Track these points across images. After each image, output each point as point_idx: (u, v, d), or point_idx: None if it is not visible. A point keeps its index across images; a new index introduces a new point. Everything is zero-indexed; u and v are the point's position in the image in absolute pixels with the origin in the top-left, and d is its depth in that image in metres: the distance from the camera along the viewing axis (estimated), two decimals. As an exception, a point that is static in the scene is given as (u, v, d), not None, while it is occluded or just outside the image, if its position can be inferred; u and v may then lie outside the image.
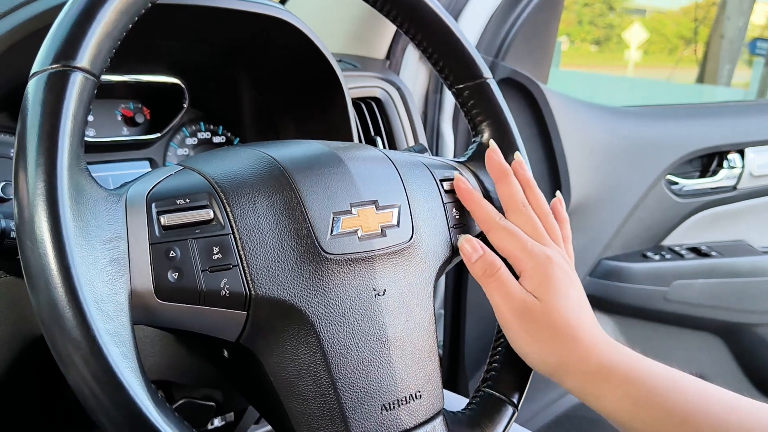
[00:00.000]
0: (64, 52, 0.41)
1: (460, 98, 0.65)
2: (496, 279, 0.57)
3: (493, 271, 0.58)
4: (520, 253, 0.58)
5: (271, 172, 0.51)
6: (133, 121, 0.78)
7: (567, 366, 0.56)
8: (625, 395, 0.53)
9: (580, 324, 0.56)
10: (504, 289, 0.57)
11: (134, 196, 0.46)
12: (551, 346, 0.56)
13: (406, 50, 1.25)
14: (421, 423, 0.54)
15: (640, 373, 0.54)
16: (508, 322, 0.57)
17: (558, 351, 0.56)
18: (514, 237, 0.59)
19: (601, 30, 13.28)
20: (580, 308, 0.58)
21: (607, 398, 0.54)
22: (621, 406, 0.54)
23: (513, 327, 0.57)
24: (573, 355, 0.55)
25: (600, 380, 0.55)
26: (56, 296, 0.38)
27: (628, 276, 1.58)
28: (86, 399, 0.39)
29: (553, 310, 0.56)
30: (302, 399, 0.50)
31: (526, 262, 0.58)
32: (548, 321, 0.56)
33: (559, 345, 0.56)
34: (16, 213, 0.40)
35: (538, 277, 0.57)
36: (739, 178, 1.67)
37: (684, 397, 0.52)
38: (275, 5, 0.72)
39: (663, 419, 0.52)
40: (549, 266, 0.57)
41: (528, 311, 0.56)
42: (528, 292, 0.57)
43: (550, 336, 0.56)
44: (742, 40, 4.97)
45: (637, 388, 0.53)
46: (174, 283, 0.45)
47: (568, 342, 0.56)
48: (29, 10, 0.59)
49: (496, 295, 0.58)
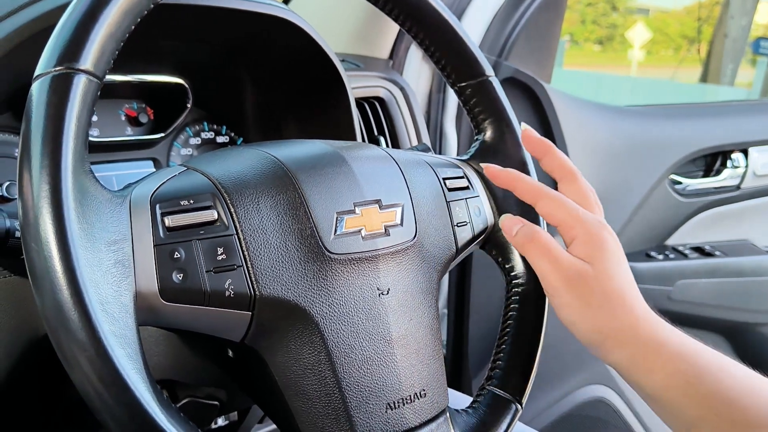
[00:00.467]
0: (68, 55, 0.42)
1: (463, 96, 0.65)
2: (541, 245, 0.55)
3: (536, 237, 0.56)
4: (572, 219, 0.56)
5: (275, 173, 0.51)
6: (137, 121, 0.78)
7: (618, 335, 0.53)
8: (677, 371, 0.51)
9: (632, 294, 0.54)
10: (551, 255, 0.55)
11: (138, 198, 0.46)
12: (604, 313, 0.53)
13: (410, 50, 1.25)
14: (426, 421, 0.54)
15: (691, 350, 0.52)
16: (556, 289, 0.55)
17: (611, 319, 0.53)
18: (564, 204, 0.57)
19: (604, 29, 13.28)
20: (631, 278, 0.56)
21: (659, 373, 0.52)
22: (672, 383, 0.51)
23: (562, 294, 0.54)
24: (626, 324, 0.53)
25: (651, 353, 0.52)
26: (62, 298, 0.38)
27: (631, 275, 1.58)
28: (91, 399, 0.39)
29: (606, 277, 0.54)
30: (307, 398, 0.50)
31: (578, 228, 0.55)
32: (601, 288, 0.54)
33: (612, 313, 0.53)
34: (21, 215, 0.40)
35: (592, 243, 0.55)
36: (743, 177, 1.66)
37: (733, 380, 0.51)
38: (278, 5, 0.72)
39: (713, 399, 0.50)
40: (603, 232, 0.55)
41: (580, 277, 0.54)
42: (578, 259, 0.55)
43: (602, 304, 0.53)
44: (746, 40, 4.97)
45: (689, 364, 0.51)
46: (179, 284, 0.45)
47: (621, 310, 0.53)
48: (33, 11, 0.60)
49: (543, 262, 0.55)
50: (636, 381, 0.54)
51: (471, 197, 0.63)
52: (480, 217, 0.63)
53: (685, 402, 0.51)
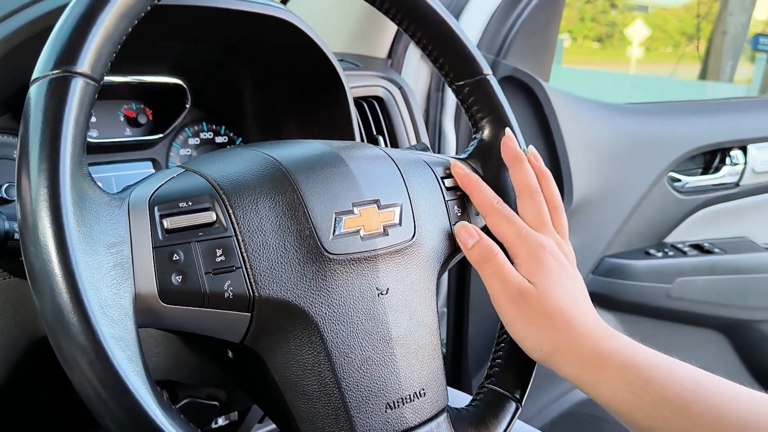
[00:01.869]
0: (65, 58, 0.42)
1: (461, 95, 0.66)
2: (493, 264, 0.57)
3: (489, 256, 0.57)
4: (515, 238, 0.58)
5: (273, 173, 0.51)
6: (136, 121, 0.78)
7: (561, 352, 0.55)
8: (622, 383, 0.53)
9: (574, 310, 0.56)
10: (501, 275, 0.57)
11: (137, 200, 0.46)
12: (545, 331, 0.56)
13: (408, 49, 1.25)
14: (426, 420, 0.54)
15: (637, 360, 0.54)
16: (503, 307, 0.57)
17: (552, 336, 0.56)
18: (510, 222, 0.59)
19: (603, 27, 13.28)
20: (574, 296, 0.58)
21: (604, 386, 0.54)
22: (618, 395, 0.53)
23: (508, 312, 0.57)
24: (567, 340, 0.55)
25: (596, 367, 0.54)
26: (61, 302, 0.38)
27: (630, 273, 1.58)
28: (92, 402, 0.39)
29: (546, 296, 0.56)
30: (307, 398, 0.50)
31: (520, 248, 0.58)
32: (541, 306, 0.56)
33: (552, 330, 0.56)
34: (20, 219, 0.40)
35: (531, 263, 0.57)
36: (742, 174, 1.67)
37: (682, 386, 0.51)
38: (277, 5, 0.72)
39: (661, 408, 0.51)
40: (541, 252, 0.58)
41: (522, 296, 0.56)
42: (523, 278, 0.57)
43: (544, 321, 0.56)
44: (745, 36, 4.97)
45: (634, 375, 0.53)
46: (178, 286, 0.45)
47: (561, 327, 0.55)
48: (31, 12, 0.60)
49: (493, 281, 0.57)
50: (587, 392, 0.55)
51: None
52: (478, 216, 0.63)
53: (634, 413, 0.52)
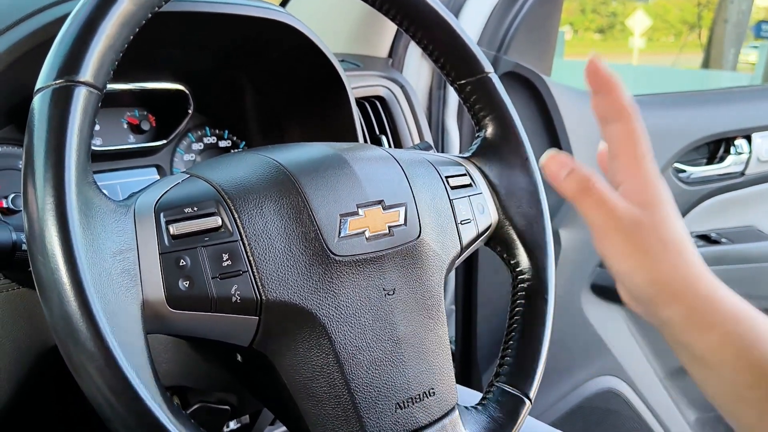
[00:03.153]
0: (67, 68, 0.42)
1: (463, 94, 0.65)
2: (594, 193, 0.50)
3: (588, 185, 0.50)
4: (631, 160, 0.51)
5: (277, 177, 0.51)
6: (139, 128, 0.79)
7: (675, 288, 0.49)
8: (733, 332, 0.47)
9: (691, 245, 0.50)
10: (606, 206, 0.50)
11: (142, 207, 0.46)
12: (661, 264, 0.49)
13: (409, 47, 1.25)
14: (436, 419, 0.54)
15: (749, 313, 0.48)
16: (611, 239, 0.50)
17: (668, 270, 0.49)
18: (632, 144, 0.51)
19: (604, 18, 13.23)
20: (687, 230, 0.51)
21: (715, 332, 0.48)
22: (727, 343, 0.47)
23: (618, 245, 0.49)
24: (684, 276, 0.49)
25: (709, 310, 0.48)
26: (69, 310, 0.39)
27: (638, 265, 1.58)
28: (102, 410, 0.40)
29: (663, 225, 0.49)
30: (317, 400, 0.50)
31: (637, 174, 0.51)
32: (659, 236, 0.49)
33: (670, 264, 0.49)
34: (27, 229, 0.40)
35: (646, 190, 0.50)
36: (747, 163, 1.66)
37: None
38: (276, 8, 0.72)
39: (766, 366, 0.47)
40: (657, 180, 0.51)
41: (636, 225, 0.49)
42: (634, 206, 0.50)
43: (661, 253, 0.49)
44: (747, 24, 4.94)
45: (746, 327, 0.47)
46: (185, 291, 0.45)
47: (681, 261, 0.49)
48: (32, 24, 0.60)
49: (596, 213, 0.50)
50: (688, 340, 0.49)
51: (474, 194, 0.63)
52: (483, 215, 0.63)
53: (739, 365, 0.47)
